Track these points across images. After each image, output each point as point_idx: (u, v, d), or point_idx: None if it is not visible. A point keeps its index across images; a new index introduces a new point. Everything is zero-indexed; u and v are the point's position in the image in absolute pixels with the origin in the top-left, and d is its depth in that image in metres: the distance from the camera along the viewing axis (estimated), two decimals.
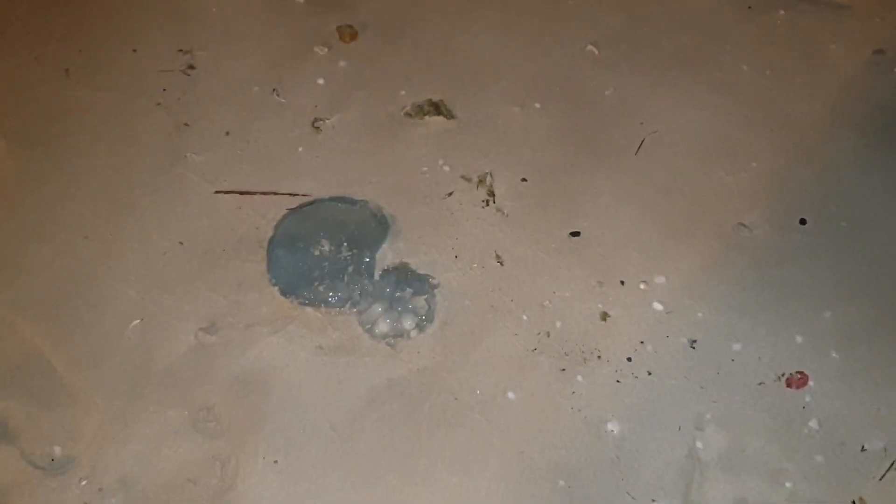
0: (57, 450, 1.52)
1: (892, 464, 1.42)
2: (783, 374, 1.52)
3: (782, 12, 2.04)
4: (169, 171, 1.83)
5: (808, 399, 1.49)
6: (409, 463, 1.46)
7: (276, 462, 1.47)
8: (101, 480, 1.48)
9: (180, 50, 2.03)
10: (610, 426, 1.47)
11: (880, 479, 1.41)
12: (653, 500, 1.40)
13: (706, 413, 1.48)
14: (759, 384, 1.51)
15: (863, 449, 1.43)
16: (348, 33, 2.03)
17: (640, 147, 1.83)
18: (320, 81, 1.97)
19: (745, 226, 1.70)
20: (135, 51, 2.04)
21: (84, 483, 1.48)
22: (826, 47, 1.98)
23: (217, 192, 1.78)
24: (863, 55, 1.96)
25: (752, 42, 1.99)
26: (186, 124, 1.89)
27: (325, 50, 2.02)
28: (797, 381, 1.51)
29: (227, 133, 1.88)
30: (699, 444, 1.45)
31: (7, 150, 1.88)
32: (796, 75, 1.93)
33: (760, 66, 1.94)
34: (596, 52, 1.99)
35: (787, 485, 1.41)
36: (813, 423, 1.47)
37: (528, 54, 2.01)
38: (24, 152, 1.87)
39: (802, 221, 1.70)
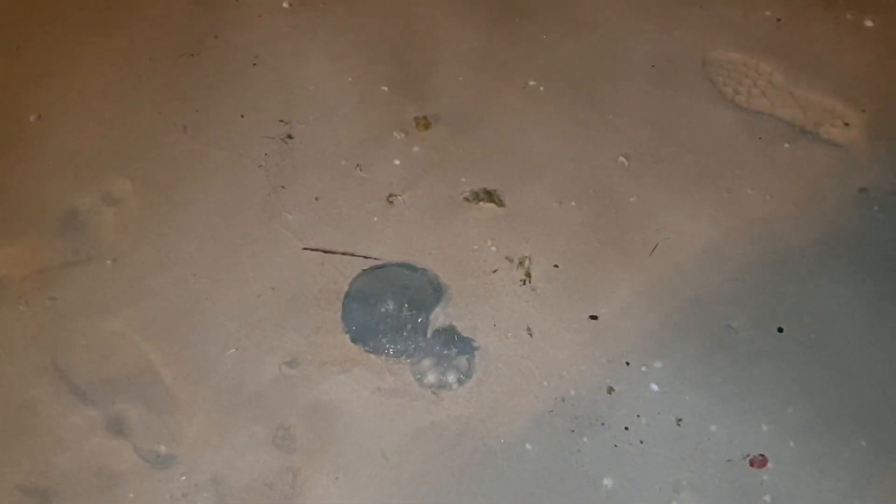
0: (162, 448, 1.82)
1: None
2: (748, 455, 1.82)
3: (787, 145, 2.32)
4: (266, 225, 2.14)
5: (765, 478, 1.79)
6: (443, 491, 1.77)
7: (336, 478, 1.78)
8: (197, 477, 1.78)
9: (281, 120, 2.35)
10: (605, 481, 1.80)
11: None
12: None
13: (683, 479, 1.79)
14: (728, 461, 1.82)
15: None
16: (423, 123, 2.34)
17: (654, 250, 2.12)
18: (396, 162, 2.28)
19: (732, 327, 2.00)
20: (242, 116, 2.36)
21: (183, 478, 1.78)
22: (819, 181, 2.25)
23: (305, 248, 2.10)
24: (850, 191, 2.23)
25: (758, 169, 2.26)
26: (283, 186, 2.22)
27: (403, 135, 2.32)
28: (759, 461, 1.82)
29: (317, 198, 2.20)
30: None
31: (133, 190, 2.19)
32: (791, 203, 2.20)
33: (762, 192, 2.22)
34: (626, 163, 2.28)
35: None
36: (767, 498, 1.77)
37: (569, 158, 2.29)
38: (147, 194, 2.18)
39: (780, 329, 1.99)
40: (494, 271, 2.09)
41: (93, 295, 2.04)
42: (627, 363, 1.96)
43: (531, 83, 2.46)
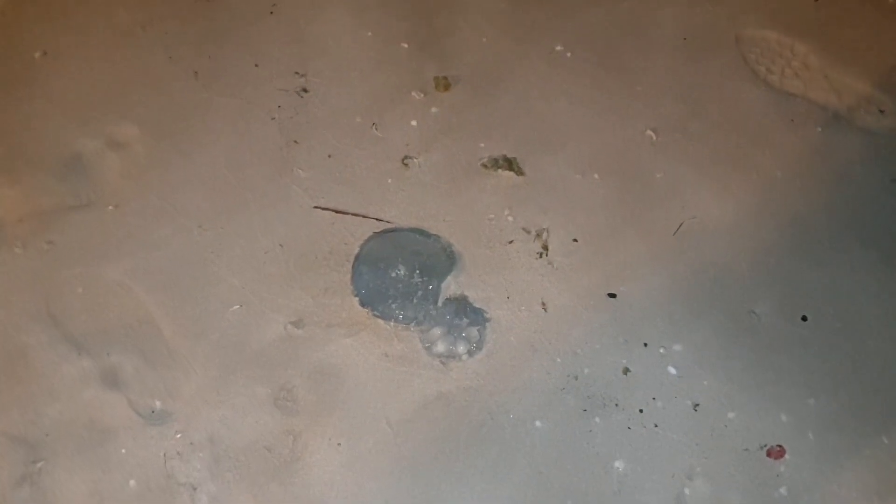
0: (158, 403, 1.77)
1: None
2: (765, 445, 1.77)
3: (819, 129, 2.24)
4: (277, 180, 2.07)
5: (782, 469, 1.74)
6: (448, 464, 1.71)
7: (339, 444, 1.73)
8: (193, 436, 1.72)
9: (296, 73, 2.27)
10: (616, 464, 1.74)
11: None
12: None
13: (697, 466, 1.74)
14: (745, 450, 1.77)
15: None
16: (443, 84, 2.25)
17: (678, 228, 2.04)
18: (413, 123, 2.20)
19: (755, 313, 1.93)
20: (257, 66, 2.28)
21: (179, 436, 1.72)
22: (851, 167, 2.17)
23: (316, 206, 2.03)
24: (881, 180, 2.15)
25: (789, 152, 2.18)
26: (296, 141, 2.14)
27: (421, 95, 2.24)
28: (776, 452, 1.77)
29: (330, 156, 2.13)
30: (687, 491, 1.71)
31: (139, 136, 2.12)
32: (821, 189, 2.12)
33: (792, 175, 2.14)
34: (654, 136, 2.20)
35: None
36: (783, 490, 1.71)
37: (594, 128, 2.20)
38: (153, 140, 2.11)
39: (804, 318, 1.93)
40: (510, 242, 2.02)
41: (92, 241, 1.96)
42: (645, 344, 1.89)
43: (558, 48, 2.37)
